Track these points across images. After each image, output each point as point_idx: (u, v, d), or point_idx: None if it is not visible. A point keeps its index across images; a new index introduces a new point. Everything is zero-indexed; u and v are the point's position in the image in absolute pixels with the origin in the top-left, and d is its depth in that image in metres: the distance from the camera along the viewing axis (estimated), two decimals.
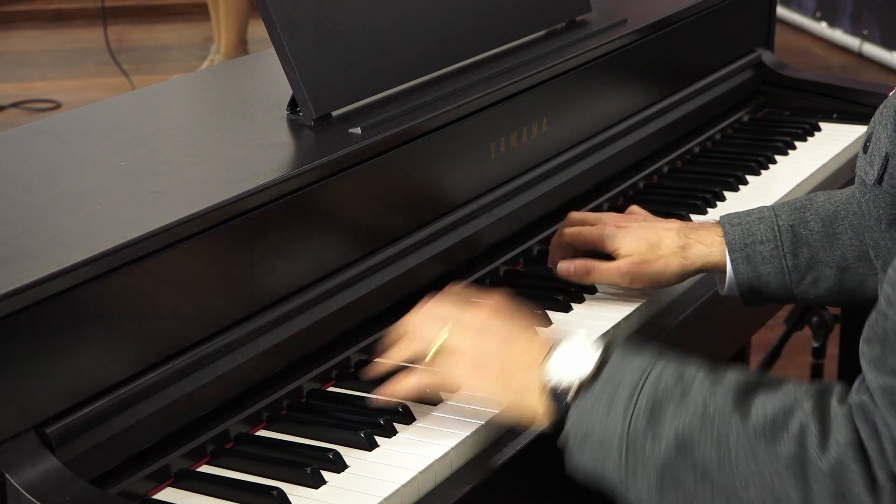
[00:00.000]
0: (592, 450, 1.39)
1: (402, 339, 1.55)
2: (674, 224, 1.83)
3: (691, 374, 1.39)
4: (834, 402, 1.34)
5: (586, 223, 1.87)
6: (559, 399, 1.42)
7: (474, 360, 1.48)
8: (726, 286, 1.80)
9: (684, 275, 1.81)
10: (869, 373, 1.32)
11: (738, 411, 1.34)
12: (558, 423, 1.42)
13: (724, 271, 1.79)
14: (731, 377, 1.38)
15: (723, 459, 1.33)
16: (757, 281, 1.77)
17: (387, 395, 1.53)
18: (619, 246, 1.81)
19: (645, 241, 1.80)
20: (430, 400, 1.56)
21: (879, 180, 1.41)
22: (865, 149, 1.47)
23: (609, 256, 1.84)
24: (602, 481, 1.39)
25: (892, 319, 1.30)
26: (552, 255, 1.88)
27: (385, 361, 1.56)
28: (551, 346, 1.45)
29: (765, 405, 1.34)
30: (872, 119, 1.48)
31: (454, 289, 1.58)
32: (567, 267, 1.81)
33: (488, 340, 1.48)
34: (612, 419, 1.37)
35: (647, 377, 1.39)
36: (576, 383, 1.41)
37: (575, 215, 1.89)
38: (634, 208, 1.94)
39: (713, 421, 1.34)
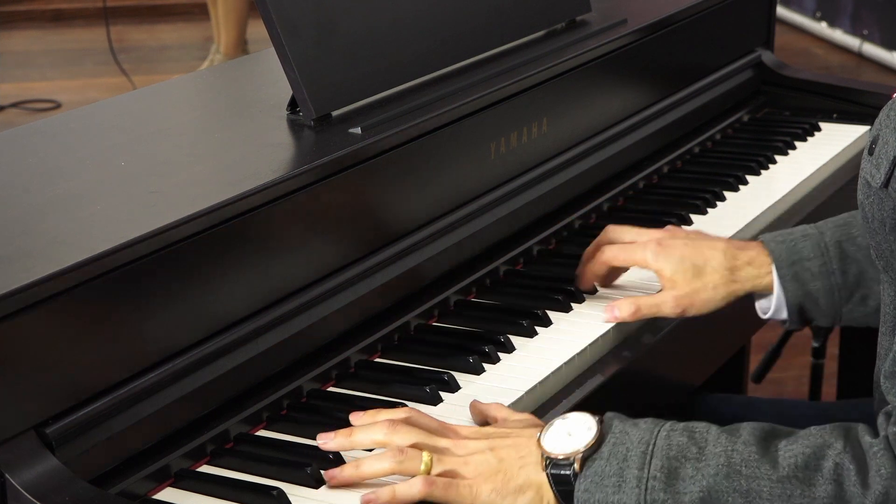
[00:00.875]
0: None
1: (381, 455, 1.40)
2: (720, 243, 1.75)
3: (702, 430, 1.37)
4: (866, 438, 1.32)
5: (624, 239, 1.80)
6: (563, 473, 1.37)
7: (470, 481, 1.38)
8: (773, 307, 1.75)
9: (733, 298, 1.74)
10: None
11: (767, 459, 1.32)
12: (565, 496, 1.37)
13: (770, 293, 1.74)
14: (748, 428, 1.36)
15: None
16: (805, 299, 1.73)
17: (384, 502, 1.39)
18: (662, 267, 1.73)
19: (690, 263, 1.72)
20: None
21: (886, 184, 1.40)
22: (871, 151, 1.45)
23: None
24: None
25: None
26: (585, 269, 1.81)
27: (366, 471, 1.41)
28: (540, 432, 1.40)
29: (792, 450, 1.32)
30: (877, 120, 1.46)
31: (415, 414, 1.46)
32: (611, 312, 1.73)
33: (478, 459, 1.39)
34: (625, 488, 1.33)
35: (655, 440, 1.36)
36: (579, 454, 1.36)
37: (612, 229, 1.82)
38: (671, 228, 1.86)
39: (740, 473, 1.32)
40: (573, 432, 1.38)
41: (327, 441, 1.44)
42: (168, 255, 1.44)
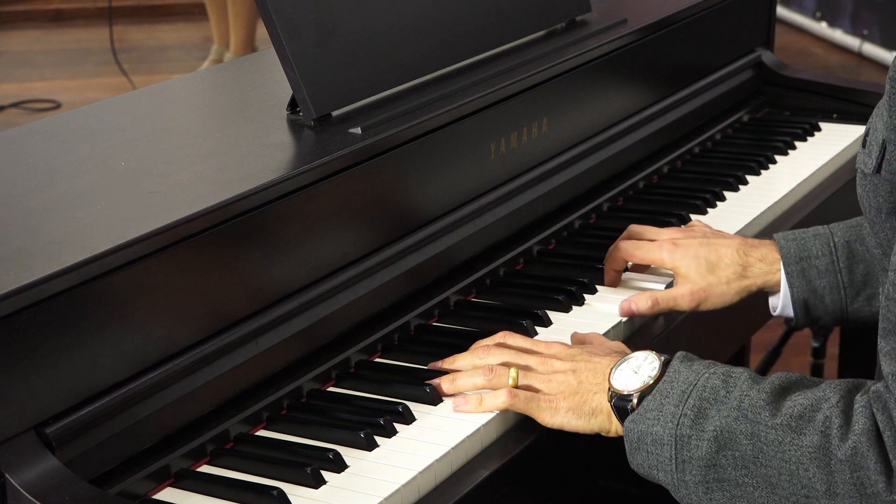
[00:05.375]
0: (647, 451, 1.45)
1: (474, 371, 1.59)
2: (733, 241, 1.83)
3: (737, 375, 1.44)
4: (858, 395, 1.38)
5: (644, 238, 1.87)
6: (623, 408, 1.49)
7: (551, 397, 1.53)
8: (780, 304, 1.80)
9: (746, 293, 1.81)
10: (885, 363, 1.36)
11: (770, 407, 1.39)
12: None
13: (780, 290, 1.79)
14: (774, 377, 1.43)
15: (757, 452, 1.38)
16: (811, 295, 1.77)
17: (472, 409, 1.55)
18: (679, 265, 1.81)
19: (704, 259, 1.80)
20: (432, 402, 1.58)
21: (878, 169, 1.43)
22: (864, 144, 1.49)
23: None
24: (658, 481, 1.46)
25: None
26: (607, 268, 1.87)
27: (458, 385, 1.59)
28: (614, 365, 1.52)
29: (796, 401, 1.39)
30: (871, 116, 1.50)
31: (509, 336, 1.65)
32: (628, 306, 1.79)
33: (559, 378, 1.55)
34: (662, 421, 1.44)
35: (697, 382, 1.45)
36: (637, 392, 1.48)
37: (635, 228, 1.90)
38: (696, 223, 1.93)
39: (746, 417, 1.40)
40: (639, 370, 1.50)
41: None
42: (168, 255, 1.44)
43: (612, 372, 1.51)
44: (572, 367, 1.55)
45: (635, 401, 1.47)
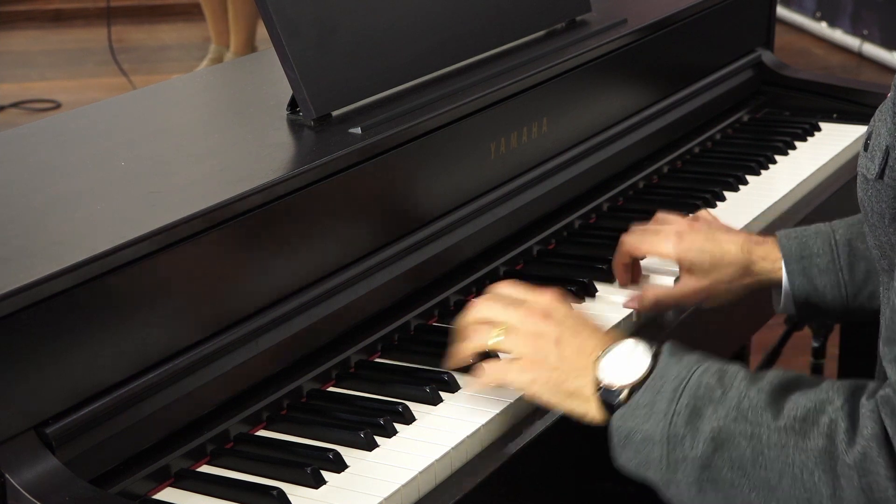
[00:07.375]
0: (635, 449, 1.41)
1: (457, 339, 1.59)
2: (738, 237, 1.81)
3: (732, 374, 1.42)
4: (864, 398, 1.36)
5: (647, 230, 1.85)
6: (610, 401, 1.44)
7: (528, 363, 1.50)
8: (782, 300, 1.80)
9: (749, 291, 1.80)
10: (891, 371, 1.34)
11: (771, 408, 1.36)
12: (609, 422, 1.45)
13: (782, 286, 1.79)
14: (770, 376, 1.41)
15: (756, 454, 1.35)
16: (813, 293, 1.78)
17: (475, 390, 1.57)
18: (683, 258, 1.80)
19: (708, 254, 1.79)
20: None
21: (881, 175, 1.43)
22: (866, 147, 1.48)
23: None
24: (645, 479, 1.42)
25: None
26: (614, 263, 1.87)
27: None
28: (601, 352, 1.46)
29: (798, 402, 1.37)
30: (872, 118, 1.50)
31: (502, 286, 1.60)
32: (632, 305, 1.79)
33: (540, 344, 1.50)
34: (653, 419, 1.39)
35: (689, 378, 1.41)
36: (627, 387, 1.43)
37: (637, 226, 1.88)
38: (702, 213, 1.91)
39: (746, 418, 1.36)
40: (628, 362, 1.44)
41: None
42: (168, 255, 1.44)
43: (599, 360, 1.46)
44: (556, 336, 1.49)
45: (624, 395, 1.43)
